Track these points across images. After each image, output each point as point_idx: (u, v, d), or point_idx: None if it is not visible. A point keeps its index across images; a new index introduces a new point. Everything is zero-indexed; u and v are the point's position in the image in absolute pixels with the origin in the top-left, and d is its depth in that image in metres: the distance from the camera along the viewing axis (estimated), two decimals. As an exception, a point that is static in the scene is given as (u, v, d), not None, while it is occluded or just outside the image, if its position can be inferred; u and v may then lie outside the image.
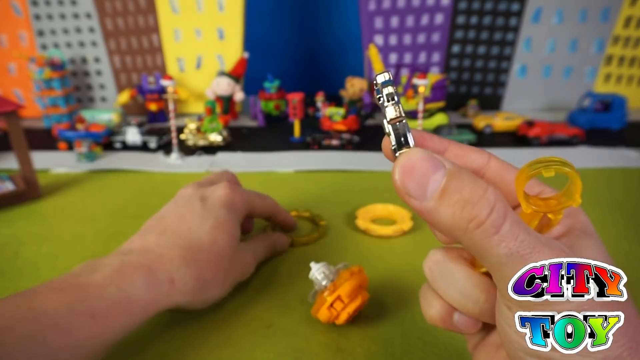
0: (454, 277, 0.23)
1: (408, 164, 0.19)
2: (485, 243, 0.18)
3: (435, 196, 0.18)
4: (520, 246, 0.18)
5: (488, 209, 0.18)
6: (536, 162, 0.19)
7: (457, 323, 0.24)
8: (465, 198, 0.18)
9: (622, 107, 0.93)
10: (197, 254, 0.34)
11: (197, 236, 0.35)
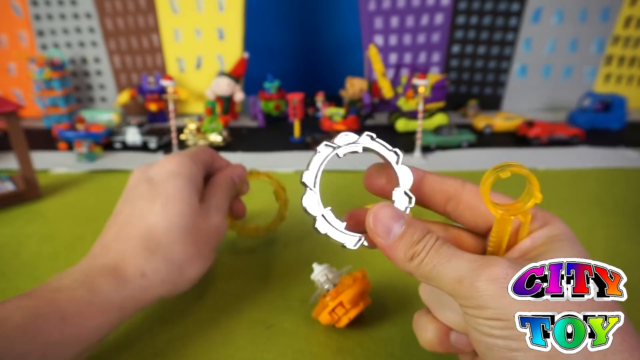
0: (447, 299, 0.24)
1: (379, 213, 0.25)
2: (420, 268, 0.23)
3: (397, 237, 0.24)
4: (440, 258, 0.23)
5: (423, 245, 0.23)
6: (493, 169, 0.23)
7: (455, 343, 0.25)
8: (413, 240, 0.24)
9: (622, 107, 0.93)
10: (158, 239, 0.32)
11: (151, 220, 0.32)
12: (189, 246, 0.33)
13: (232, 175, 0.40)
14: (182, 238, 0.33)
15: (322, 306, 0.34)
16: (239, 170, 0.42)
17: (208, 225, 0.35)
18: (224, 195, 0.38)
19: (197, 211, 0.34)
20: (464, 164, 0.74)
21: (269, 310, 0.38)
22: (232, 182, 0.40)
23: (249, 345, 0.34)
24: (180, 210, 0.33)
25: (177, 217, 0.33)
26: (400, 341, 0.34)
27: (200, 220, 0.34)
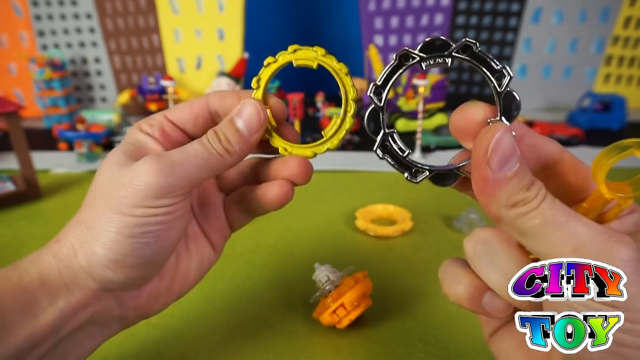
0: (500, 258, 0.22)
1: (503, 139, 0.20)
2: (523, 218, 0.20)
3: (510, 174, 0.20)
4: (555, 215, 0.19)
5: (535, 193, 0.20)
6: (612, 147, 0.20)
7: (486, 305, 0.22)
8: (523, 184, 0.20)
9: (621, 107, 0.93)
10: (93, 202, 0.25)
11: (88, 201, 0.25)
12: (113, 200, 0.24)
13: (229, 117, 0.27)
14: (109, 195, 0.24)
15: (323, 307, 0.34)
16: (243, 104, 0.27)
17: (132, 175, 0.24)
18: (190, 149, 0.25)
19: (123, 167, 0.24)
20: (464, 164, 0.74)
21: (269, 310, 0.38)
22: (224, 127, 0.26)
23: (249, 345, 0.34)
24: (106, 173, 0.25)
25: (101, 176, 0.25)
26: (400, 341, 0.34)
27: (123, 173, 0.24)
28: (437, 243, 0.49)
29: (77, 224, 0.25)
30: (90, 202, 0.25)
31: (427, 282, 0.42)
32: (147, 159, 0.24)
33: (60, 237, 0.25)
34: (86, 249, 0.24)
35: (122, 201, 0.23)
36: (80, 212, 0.25)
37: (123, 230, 0.23)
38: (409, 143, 0.81)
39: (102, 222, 0.24)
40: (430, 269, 0.44)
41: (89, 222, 0.24)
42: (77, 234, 0.24)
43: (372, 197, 0.60)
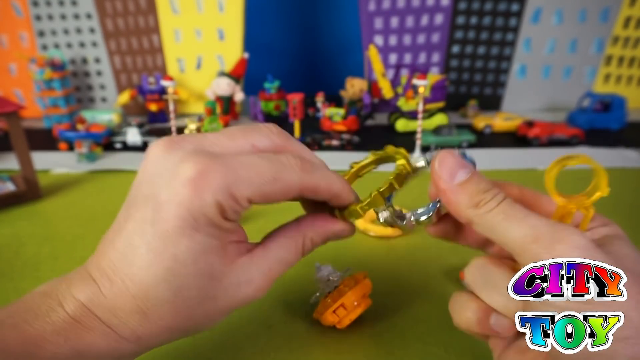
0: (496, 280, 0.24)
1: (445, 158, 0.24)
2: (487, 215, 0.23)
3: (462, 181, 0.24)
4: (516, 212, 0.22)
5: (493, 195, 0.23)
6: (560, 159, 0.23)
7: (494, 325, 0.24)
8: (480, 188, 0.23)
9: (621, 107, 0.93)
10: (159, 308, 0.23)
11: (152, 282, 0.22)
12: (197, 318, 0.24)
13: (327, 233, 0.28)
14: (189, 311, 0.23)
15: (323, 307, 0.34)
16: (344, 230, 0.29)
17: (234, 297, 0.24)
18: (288, 258, 0.26)
19: (219, 281, 0.23)
20: (464, 164, 0.74)
21: (269, 310, 0.38)
22: (317, 241, 0.27)
23: (249, 346, 0.34)
24: (191, 282, 0.23)
25: (186, 290, 0.23)
26: (400, 341, 0.34)
27: (222, 292, 0.24)
28: (437, 243, 0.49)
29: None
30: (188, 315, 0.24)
31: (427, 282, 0.42)
32: (256, 281, 0.25)
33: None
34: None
35: (216, 317, 0.25)
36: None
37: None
38: (409, 143, 0.81)
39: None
40: (430, 269, 0.44)
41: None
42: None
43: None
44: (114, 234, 0.25)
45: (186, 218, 0.22)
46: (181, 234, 0.22)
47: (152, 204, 0.22)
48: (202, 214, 0.22)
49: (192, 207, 0.22)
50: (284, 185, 0.23)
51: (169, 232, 0.22)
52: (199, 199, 0.22)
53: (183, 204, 0.22)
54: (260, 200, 0.23)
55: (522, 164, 0.73)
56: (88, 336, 0.22)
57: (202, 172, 0.22)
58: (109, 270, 0.23)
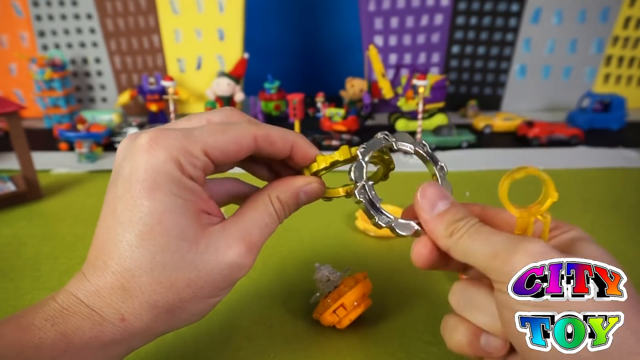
0: (479, 300, 0.25)
1: (426, 189, 0.27)
2: (458, 242, 0.24)
3: (440, 212, 0.26)
4: (480, 235, 0.24)
5: (464, 223, 0.25)
6: (509, 172, 0.25)
7: (486, 345, 0.25)
8: (455, 218, 0.25)
9: (621, 108, 0.93)
10: (135, 277, 0.23)
11: (127, 253, 0.23)
12: (180, 289, 0.23)
13: (293, 189, 0.28)
14: (169, 280, 0.23)
15: (323, 307, 0.34)
16: (310, 183, 0.28)
17: (215, 263, 0.24)
18: (261, 220, 0.26)
19: (193, 244, 0.23)
20: (464, 165, 0.74)
21: (269, 310, 0.38)
22: (285, 199, 0.27)
23: (248, 346, 0.34)
24: (163, 244, 0.23)
25: (160, 254, 0.23)
26: (400, 341, 0.35)
27: (199, 256, 0.23)
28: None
29: (121, 289, 0.23)
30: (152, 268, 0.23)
31: (427, 282, 0.42)
32: (234, 245, 0.24)
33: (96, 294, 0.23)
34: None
35: (202, 291, 0.24)
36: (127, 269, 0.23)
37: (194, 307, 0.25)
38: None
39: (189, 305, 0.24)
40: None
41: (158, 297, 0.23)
42: (120, 302, 0.23)
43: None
44: (97, 227, 0.25)
45: (145, 179, 0.23)
46: (143, 196, 0.23)
47: (119, 181, 0.24)
48: (159, 171, 0.23)
49: (148, 167, 0.23)
50: (235, 135, 0.25)
51: (133, 198, 0.23)
52: (153, 158, 0.23)
53: (140, 167, 0.23)
54: (216, 153, 0.24)
55: (521, 164, 0.73)
56: (73, 320, 0.23)
57: (154, 136, 0.23)
58: (93, 258, 0.24)
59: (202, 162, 0.24)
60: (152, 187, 0.23)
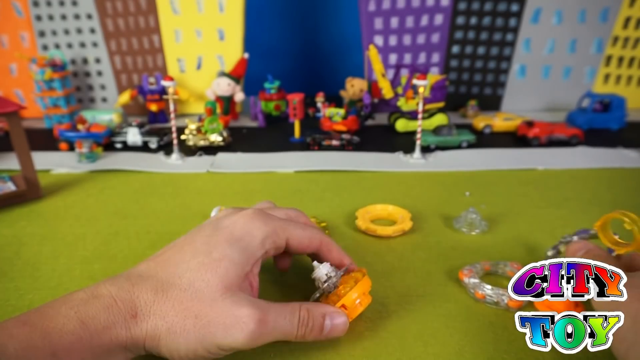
0: None
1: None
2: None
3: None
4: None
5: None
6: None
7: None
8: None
9: (621, 108, 0.93)
10: (171, 291, 0.28)
11: (179, 271, 0.29)
12: (190, 318, 0.28)
13: (326, 313, 0.32)
14: (190, 306, 0.28)
15: None
16: (341, 316, 0.33)
17: (227, 315, 0.28)
18: (283, 314, 0.30)
19: (227, 291, 0.29)
20: (464, 165, 0.74)
21: (270, 310, 0.38)
22: (317, 317, 0.32)
23: (250, 345, 0.34)
24: (209, 278, 0.29)
25: (201, 283, 0.29)
26: (400, 341, 0.35)
27: (223, 303, 0.29)
28: (437, 243, 0.49)
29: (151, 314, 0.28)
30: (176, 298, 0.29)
31: (427, 282, 0.42)
32: (249, 311, 0.28)
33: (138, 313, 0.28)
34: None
35: (209, 341, 0.28)
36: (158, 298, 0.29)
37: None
38: (409, 143, 0.81)
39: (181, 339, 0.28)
40: (430, 269, 0.44)
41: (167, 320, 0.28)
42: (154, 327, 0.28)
43: (372, 197, 0.60)
44: (167, 249, 0.33)
45: (234, 233, 0.32)
46: (225, 241, 0.31)
47: (212, 226, 0.33)
48: (249, 234, 0.32)
49: (244, 228, 0.32)
50: (310, 235, 0.36)
51: (217, 241, 0.31)
52: (251, 224, 0.33)
53: (237, 226, 0.32)
54: (294, 242, 0.34)
55: (521, 164, 0.74)
56: (92, 308, 0.27)
57: (258, 212, 0.34)
58: (147, 267, 0.31)
59: (280, 246, 0.34)
60: (236, 239, 0.31)
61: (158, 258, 0.31)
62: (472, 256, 0.46)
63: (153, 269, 0.30)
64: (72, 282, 0.42)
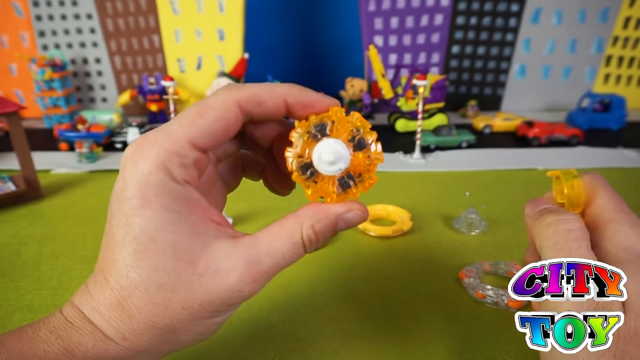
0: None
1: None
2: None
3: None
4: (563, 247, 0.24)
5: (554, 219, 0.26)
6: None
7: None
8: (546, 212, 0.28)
9: (621, 108, 0.93)
10: (133, 298, 0.22)
11: (123, 272, 0.22)
12: (176, 311, 0.22)
13: (337, 218, 0.24)
14: (164, 301, 0.22)
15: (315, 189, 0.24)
16: (352, 210, 0.24)
17: (211, 286, 0.22)
18: (279, 251, 0.23)
19: (189, 263, 0.22)
20: (464, 165, 0.74)
21: (268, 310, 0.38)
22: (320, 229, 0.23)
23: (248, 345, 0.34)
24: (157, 264, 0.21)
25: (154, 274, 0.21)
26: (400, 341, 0.35)
27: (196, 278, 0.22)
28: (437, 243, 0.49)
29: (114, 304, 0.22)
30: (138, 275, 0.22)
31: (427, 282, 0.42)
32: (236, 271, 0.22)
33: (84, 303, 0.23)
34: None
35: (200, 314, 0.22)
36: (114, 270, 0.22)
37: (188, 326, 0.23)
38: (409, 143, 0.81)
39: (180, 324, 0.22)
40: (430, 269, 0.44)
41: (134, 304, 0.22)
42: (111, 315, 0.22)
43: (372, 197, 0.60)
44: (102, 241, 0.24)
45: (134, 196, 0.21)
46: (134, 214, 0.21)
47: (113, 197, 0.23)
48: (146, 185, 0.21)
49: (135, 182, 0.21)
50: (215, 111, 0.22)
51: (125, 216, 0.21)
52: (138, 170, 0.21)
53: (128, 183, 0.21)
54: (204, 140, 0.22)
55: (521, 164, 0.74)
56: (76, 335, 0.22)
57: (136, 146, 0.22)
58: (96, 272, 0.23)
59: (192, 158, 0.22)
60: (141, 204, 0.21)
61: (100, 257, 0.23)
62: (472, 256, 0.46)
63: (101, 275, 0.23)
64: (72, 282, 0.42)
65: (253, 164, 0.29)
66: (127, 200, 0.21)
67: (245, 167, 0.29)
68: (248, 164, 0.29)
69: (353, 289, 0.41)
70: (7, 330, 0.24)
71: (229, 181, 0.28)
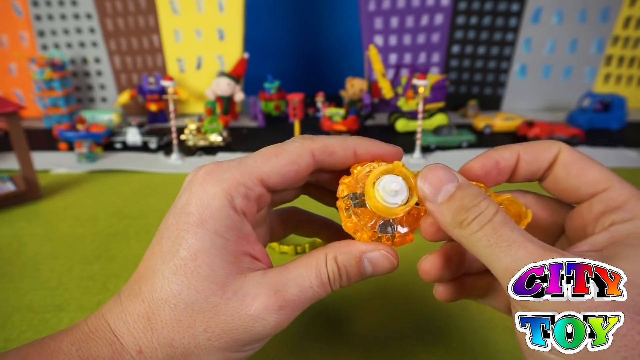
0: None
1: (427, 175, 0.22)
2: (471, 238, 0.21)
3: (444, 200, 0.22)
4: (499, 239, 0.20)
5: (476, 214, 0.21)
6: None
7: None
8: (463, 205, 0.21)
9: (621, 107, 0.93)
10: (161, 311, 0.22)
11: (159, 284, 0.22)
12: (197, 333, 0.22)
13: (361, 255, 0.24)
14: (188, 320, 0.22)
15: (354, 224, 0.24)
16: (378, 250, 0.24)
17: (236, 310, 0.22)
18: (306, 279, 0.23)
19: (220, 287, 0.22)
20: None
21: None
22: (350, 264, 0.24)
23: (249, 345, 0.34)
24: (191, 282, 0.22)
25: (186, 291, 0.22)
26: (400, 341, 0.34)
27: (223, 301, 0.22)
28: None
29: (147, 323, 0.22)
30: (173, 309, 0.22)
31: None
32: (262, 296, 0.22)
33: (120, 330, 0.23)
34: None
35: (219, 340, 0.22)
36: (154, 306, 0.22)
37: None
38: (409, 143, 0.81)
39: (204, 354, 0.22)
40: (430, 269, 0.44)
41: (176, 341, 0.22)
42: (154, 344, 0.22)
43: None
44: (146, 252, 0.25)
45: (193, 213, 0.22)
46: (187, 230, 0.22)
47: (172, 211, 0.24)
48: (207, 206, 0.22)
49: (199, 201, 0.22)
50: (290, 154, 0.24)
51: (178, 230, 0.22)
52: (204, 192, 0.23)
53: (192, 200, 0.23)
54: (273, 179, 0.24)
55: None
56: (95, 346, 0.22)
57: (209, 169, 0.24)
58: (132, 282, 0.24)
59: (256, 193, 0.23)
60: (197, 222, 0.22)
61: (140, 266, 0.24)
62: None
63: (137, 285, 0.23)
64: (71, 282, 0.42)
65: (308, 222, 0.31)
66: (186, 215, 0.22)
67: (299, 224, 0.31)
68: (303, 221, 0.31)
69: (352, 290, 0.41)
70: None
71: (275, 229, 0.30)
